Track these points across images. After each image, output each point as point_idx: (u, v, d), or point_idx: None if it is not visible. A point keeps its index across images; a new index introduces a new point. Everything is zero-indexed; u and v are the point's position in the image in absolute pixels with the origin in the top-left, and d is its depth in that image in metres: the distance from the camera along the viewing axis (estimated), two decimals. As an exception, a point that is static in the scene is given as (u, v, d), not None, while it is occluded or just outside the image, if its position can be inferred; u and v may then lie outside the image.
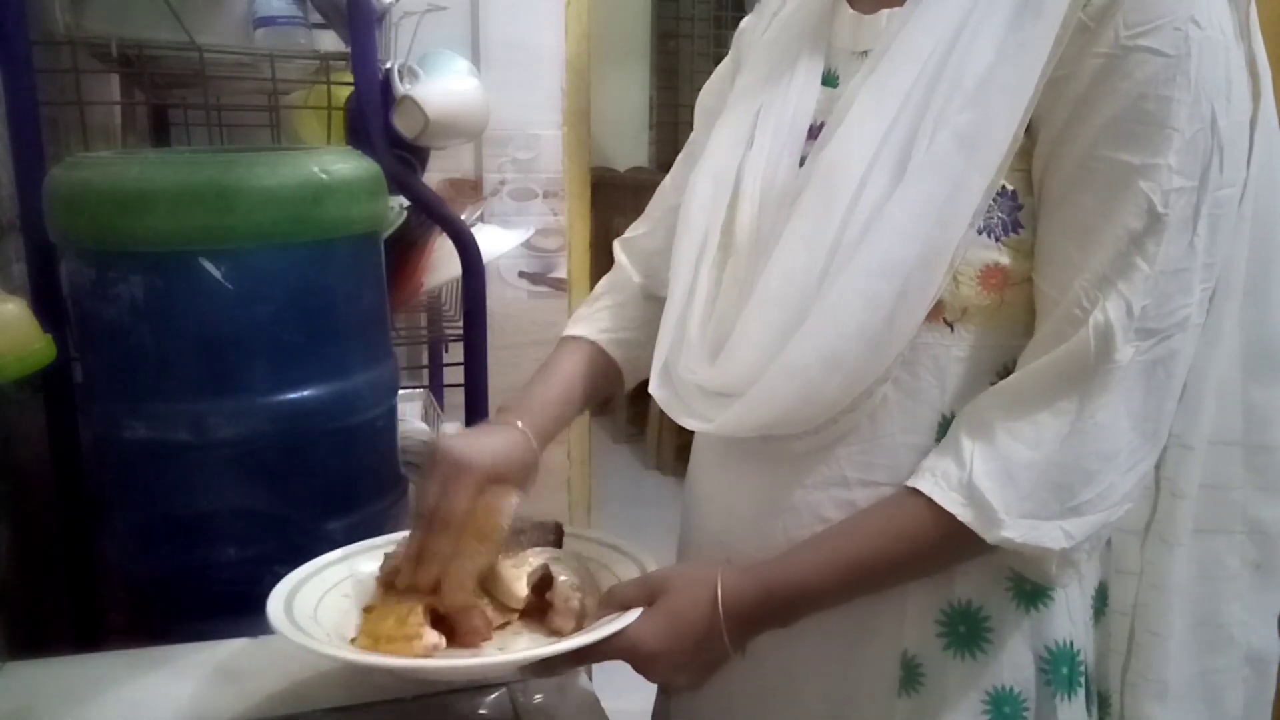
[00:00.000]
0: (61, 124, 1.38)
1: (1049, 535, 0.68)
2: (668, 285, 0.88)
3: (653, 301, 0.99)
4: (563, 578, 0.82)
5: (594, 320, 1.00)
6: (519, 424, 0.88)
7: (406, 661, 0.75)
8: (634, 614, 0.75)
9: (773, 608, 0.74)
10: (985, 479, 0.68)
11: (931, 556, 0.73)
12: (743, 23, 0.97)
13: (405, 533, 0.88)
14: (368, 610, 0.84)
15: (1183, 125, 0.65)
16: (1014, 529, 0.68)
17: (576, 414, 0.96)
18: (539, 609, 0.82)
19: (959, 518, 0.69)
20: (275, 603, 0.79)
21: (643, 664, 0.75)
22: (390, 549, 0.87)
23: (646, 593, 0.76)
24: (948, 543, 0.70)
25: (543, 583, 0.83)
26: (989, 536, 0.68)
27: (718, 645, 0.74)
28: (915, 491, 0.71)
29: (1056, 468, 0.68)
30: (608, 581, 0.83)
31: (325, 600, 0.83)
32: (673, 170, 1.01)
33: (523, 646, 0.80)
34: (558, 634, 0.80)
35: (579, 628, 0.78)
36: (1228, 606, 0.81)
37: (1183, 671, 0.81)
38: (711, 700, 0.88)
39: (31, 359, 0.96)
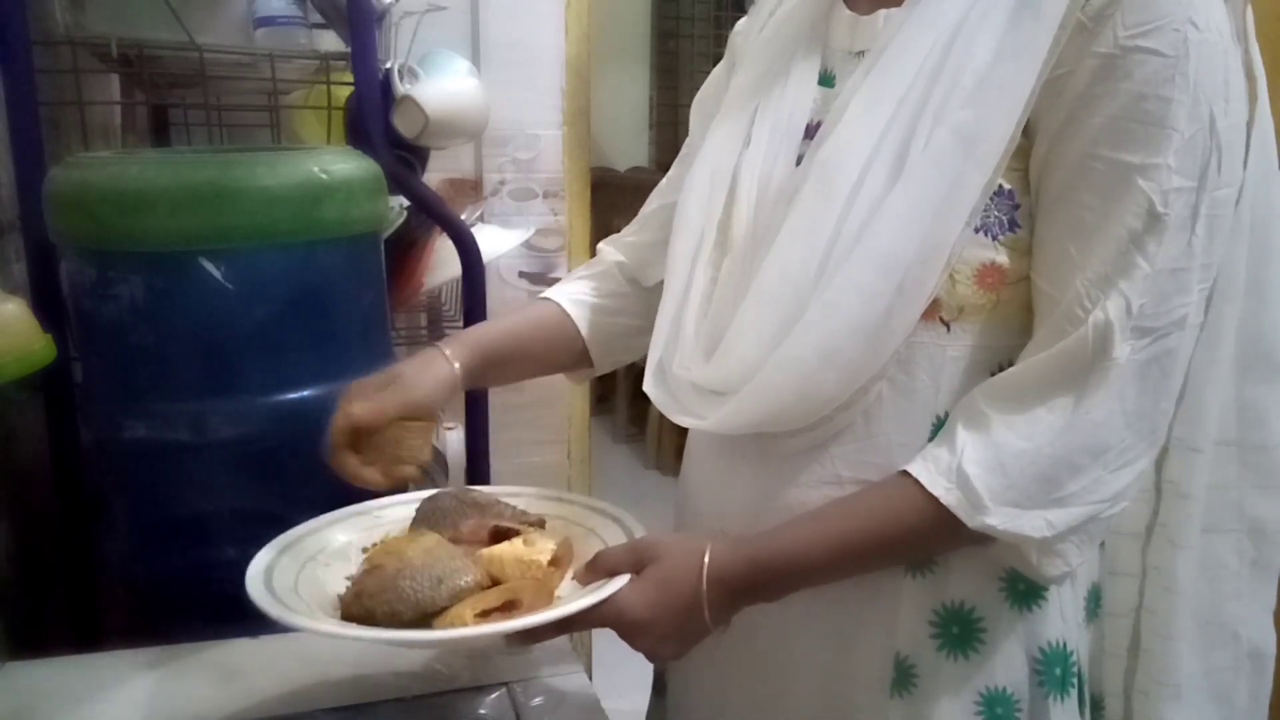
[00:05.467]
0: (61, 124, 1.38)
1: (1031, 524, 0.68)
2: (655, 277, 0.88)
3: (632, 283, 1.00)
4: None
5: (562, 287, 1.01)
6: (445, 351, 0.89)
7: (390, 633, 0.74)
8: (621, 580, 0.74)
9: (759, 581, 0.74)
10: (975, 466, 0.68)
11: (918, 540, 0.72)
12: (737, 25, 0.97)
13: (377, 501, 0.90)
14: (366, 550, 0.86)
15: (1182, 125, 0.65)
16: (997, 516, 0.68)
17: (523, 359, 0.97)
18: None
19: (943, 501, 0.69)
20: (255, 580, 0.77)
21: (629, 632, 0.74)
22: (364, 515, 0.88)
23: (635, 560, 0.75)
24: (933, 526, 0.70)
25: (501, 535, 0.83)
26: (972, 522, 0.68)
27: (700, 616, 0.73)
28: (907, 475, 0.71)
29: (1047, 460, 0.68)
30: (595, 547, 0.81)
31: (304, 573, 0.82)
32: (669, 174, 1.01)
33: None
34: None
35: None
36: (1228, 604, 0.82)
37: (1190, 671, 0.81)
38: (705, 700, 0.88)
39: (31, 359, 0.97)
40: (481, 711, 0.90)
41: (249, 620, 0.99)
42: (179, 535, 1.09)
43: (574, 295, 0.99)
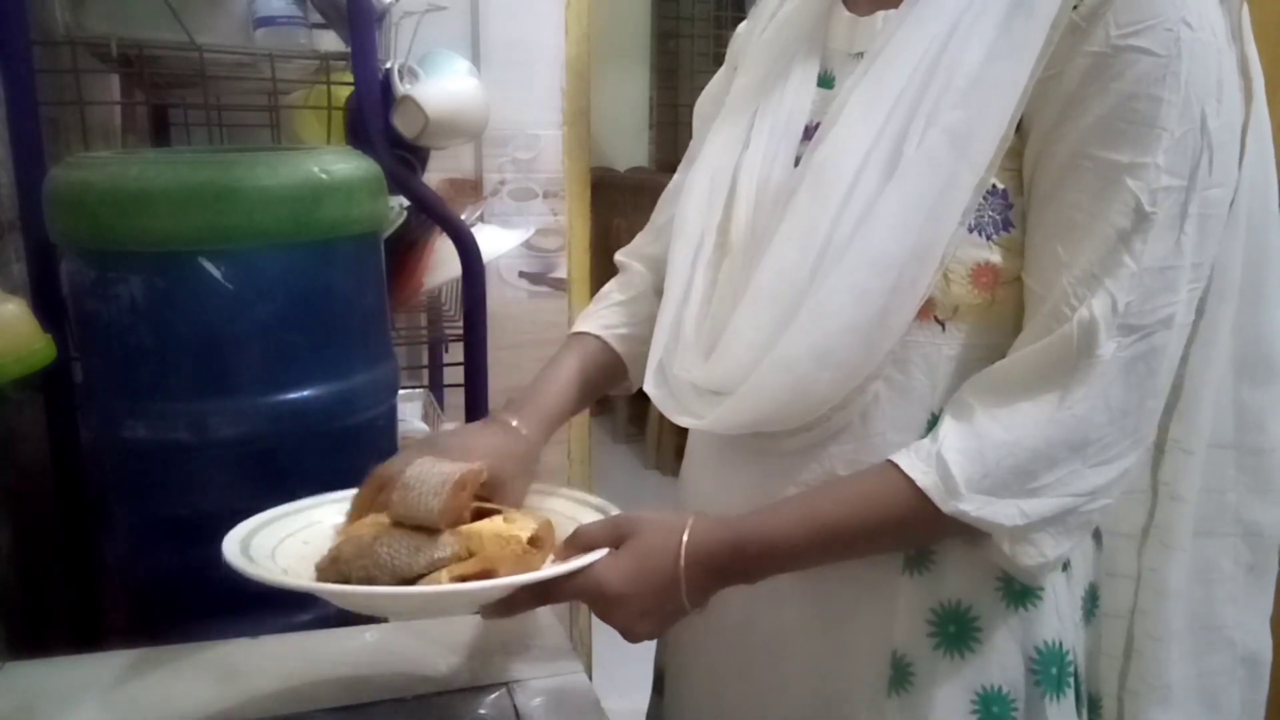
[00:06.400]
0: (61, 124, 1.38)
1: (1003, 512, 0.68)
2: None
3: (659, 294, 0.99)
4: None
5: (600, 316, 0.99)
6: (513, 422, 0.88)
7: (363, 589, 0.73)
8: (599, 553, 0.74)
9: (739, 561, 0.74)
10: (954, 453, 0.69)
11: (896, 524, 0.72)
12: (738, 28, 0.98)
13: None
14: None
15: (1172, 125, 0.65)
16: (970, 502, 0.68)
17: (579, 407, 0.96)
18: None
19: (919, 483, 0.69)
20: (231, 544, 0.77)
21: (605, 606, 0.74)
22: (346, 501, 0.87)
23: (614, 534, 0.76)
24: (910, 510, 0.70)
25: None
26: (945, 507, 0.68)
27: (677, 594, 0.73)
28: (890, 462, 0.72)
29: (1026, 451, 0.68)
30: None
31: (282, 546, 0.81)
32: (673, 179, 1.01)
33: None
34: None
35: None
36: (1223, 609, 0.82)
37: (1182, 675, 0.81)
38: (704, 699, 0.89)
39: (31, 359, 0.97)
40: (481, 711, 0.90)
41: (249, 620, 0.99)
42: (179, 535, 1.09)
43: (615, 330, 0.98)
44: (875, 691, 0.77)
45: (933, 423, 0.74)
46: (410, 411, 1.76)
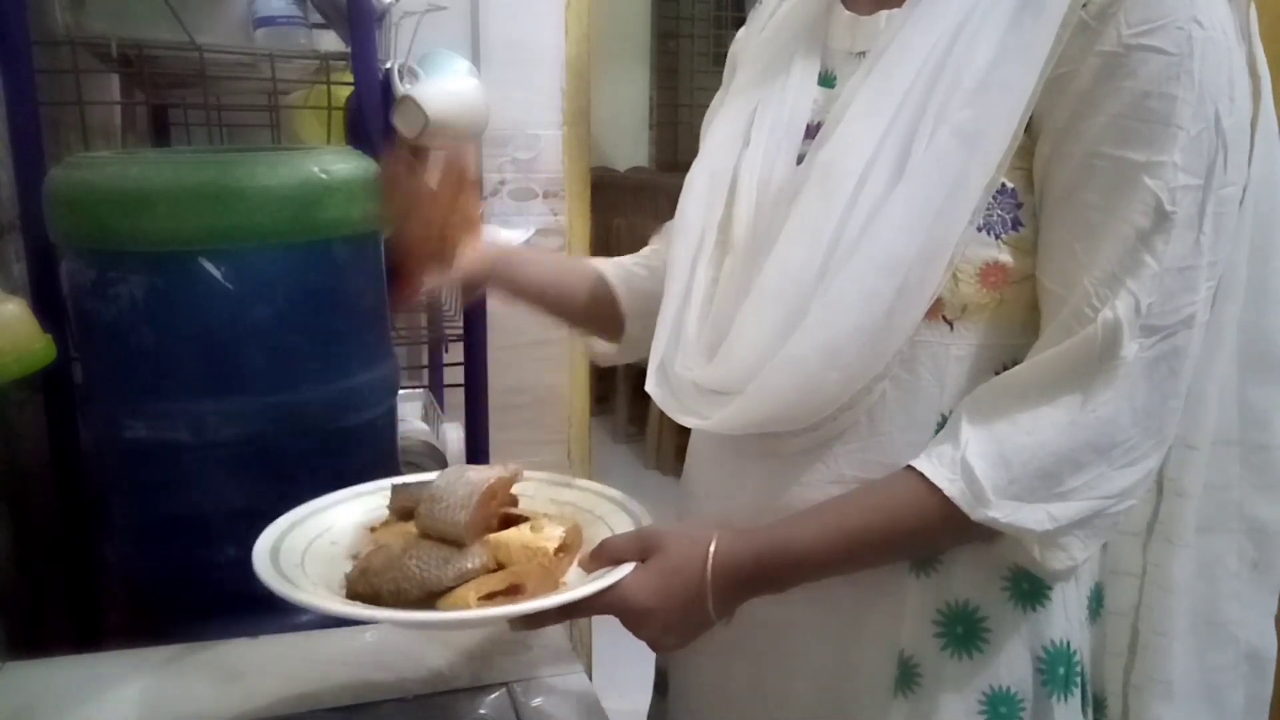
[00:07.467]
0: (61, 124, 1.38)
1: (1032, 517, 0.68)
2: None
3: None
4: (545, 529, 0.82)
5: (607, 259, 1.05)
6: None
7: (395, 613, 0.74)
8: (626, 569, 0.74)
9: (764, 573, 0.74)
10: (979, 459, 0.68)
11: (923, 533, 0.72)
12: (738, 34, 0.97)
13: (388, 481, 0.90)
14: (373, 530, 0.86)
15: (1187, 123, 0.65)
16: (999, 509, 0.68)
17: (555, 278, 1.04)
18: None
19: (946, 492, 0.69)
20: (261, 554, 0.77)
21: (632, 621, 0.74)
22: (373, 495, 0.89)
23: (640, 548, 0.76)
24: (937, 519, 0.70)
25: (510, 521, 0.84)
26: (974, 514, 0.68)
27: (704, 607, 0.74)
28: (912, 469, 0.71)
29: (1050, 455, 0.68)
30: (602, 534, 0.81)
31: (311, 549, 0.82)
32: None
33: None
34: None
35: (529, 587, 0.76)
36: (1227, 605, 0.82)
37: (1185, 671, 0.81)
38: (708, 700, 0.88)
39: (31, 359, 0.96)
40: (481, 711, 0.90)
41: (249, 620, 0.99)
42: (179, 535, 1.09)
43: (616, 264, 1.03)
44: (882, 692, 0.77)
45: (941, 423, 0.74)
46: (410, 411, 1.76)
